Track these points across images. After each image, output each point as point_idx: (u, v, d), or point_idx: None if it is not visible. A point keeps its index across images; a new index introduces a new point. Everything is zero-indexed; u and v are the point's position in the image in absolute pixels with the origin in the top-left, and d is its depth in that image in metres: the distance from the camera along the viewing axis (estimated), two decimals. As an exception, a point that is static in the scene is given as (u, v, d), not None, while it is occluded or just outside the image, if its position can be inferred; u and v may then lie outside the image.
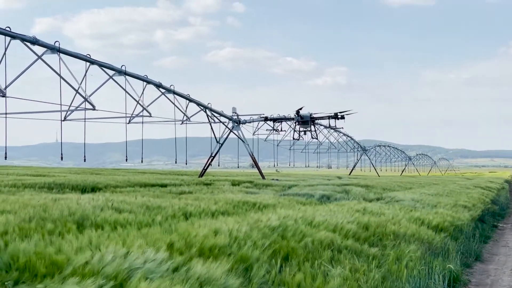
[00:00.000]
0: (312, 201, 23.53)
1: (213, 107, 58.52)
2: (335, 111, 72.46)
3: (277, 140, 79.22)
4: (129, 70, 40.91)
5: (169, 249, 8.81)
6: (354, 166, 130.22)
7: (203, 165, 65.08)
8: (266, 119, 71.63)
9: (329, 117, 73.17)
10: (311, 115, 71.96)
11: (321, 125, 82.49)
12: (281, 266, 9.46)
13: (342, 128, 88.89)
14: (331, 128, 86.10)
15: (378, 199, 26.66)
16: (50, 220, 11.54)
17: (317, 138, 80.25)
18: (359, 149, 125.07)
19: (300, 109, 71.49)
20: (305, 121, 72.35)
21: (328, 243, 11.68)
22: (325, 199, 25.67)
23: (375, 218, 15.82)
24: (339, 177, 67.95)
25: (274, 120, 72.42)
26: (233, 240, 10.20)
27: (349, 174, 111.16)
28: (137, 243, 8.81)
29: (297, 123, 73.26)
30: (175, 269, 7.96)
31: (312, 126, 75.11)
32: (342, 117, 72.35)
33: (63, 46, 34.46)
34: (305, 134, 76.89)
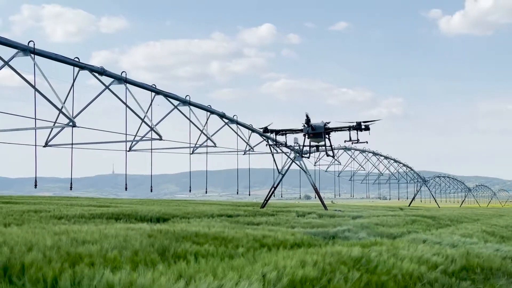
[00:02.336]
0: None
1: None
2: (358, 120, 57.13)
3: (336, 171, 75.79)
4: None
5: (261, 281, 8.60)
6: (414, 197, 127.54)
7: (260, 196, 63.88)
8: (265, 130, 57.82)
9: (349, 128, 57.36)
10: (325, 125, 57.23)
11: (341, 149, 70.44)
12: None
13: (367, 142, 65.74)
14: (353, 143, 64.35)
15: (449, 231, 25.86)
16: (131, 250, 11.40)
17: (333, 156, 64.73)
18: (419, 179, 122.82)
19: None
20: (318, 133, 57.06)
21: (417, 275, 11.23)
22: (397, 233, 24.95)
23: (456, 251, 15.30)
24: (401, 208, 66.72)
25: (276, 132, 58.75)
26: (321, 271, 9.99)
27: (409, 205, 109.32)
28: (228, 274, 8.61)
29: (306, 136, 58.02)
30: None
31: (328, 141, 58.83)
32: (367, 128, 57.10)
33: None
34: (317, 150, 61.75)
